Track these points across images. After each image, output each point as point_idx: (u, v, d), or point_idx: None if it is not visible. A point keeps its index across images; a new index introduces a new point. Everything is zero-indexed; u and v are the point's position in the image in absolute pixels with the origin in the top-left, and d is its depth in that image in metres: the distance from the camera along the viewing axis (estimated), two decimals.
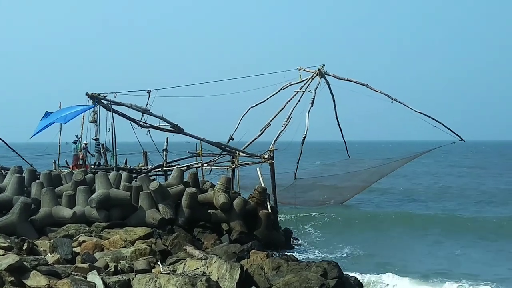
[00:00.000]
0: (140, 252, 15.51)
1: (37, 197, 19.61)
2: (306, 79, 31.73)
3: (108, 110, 24.82)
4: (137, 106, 24.29)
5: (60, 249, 15.38)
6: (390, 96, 31.38)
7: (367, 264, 20.39)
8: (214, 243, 18.59)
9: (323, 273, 14.10)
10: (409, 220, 31.30)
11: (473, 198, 41.91)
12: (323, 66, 31.88)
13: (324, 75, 31.63)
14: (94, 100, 24.89)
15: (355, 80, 31.47)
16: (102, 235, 17.64)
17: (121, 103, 24.63)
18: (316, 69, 31.81)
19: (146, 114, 24.40)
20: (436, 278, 18.36)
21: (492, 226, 29.02)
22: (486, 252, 23.46)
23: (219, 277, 12.96)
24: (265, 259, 15.26)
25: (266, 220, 21.12)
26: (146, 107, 24.45)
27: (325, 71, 31.73)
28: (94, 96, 24.78)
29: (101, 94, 24.89)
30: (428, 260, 21.80)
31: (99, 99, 24.88)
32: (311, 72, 31.83)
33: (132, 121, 24.75)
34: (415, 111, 31.33)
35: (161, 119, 24.34)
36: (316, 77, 31.66)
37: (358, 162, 39.16)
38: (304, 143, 31.29)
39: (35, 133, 26.07)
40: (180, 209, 19.96)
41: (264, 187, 22.69)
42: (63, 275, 12.98)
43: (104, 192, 19.34)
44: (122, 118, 25.22)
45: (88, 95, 24.84)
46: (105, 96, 24.86)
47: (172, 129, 24.70)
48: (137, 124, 24.68)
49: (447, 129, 31.51)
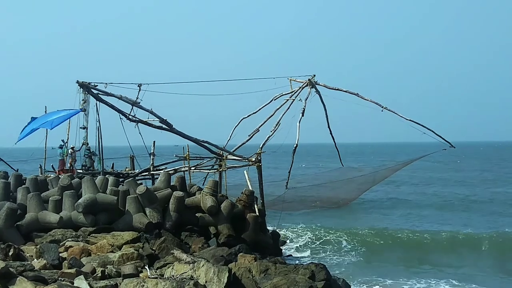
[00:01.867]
0: (128, 257, 15.45)
1: (23, 202, 19.47)
2: (297, 89, 32.31)
3: (98, 100, 24.47)
4: (127, 98, 24.03)
5: (46, 255, 15.28)
6: (380, 105, 31.96)
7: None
8: (202, 246, 18.57)
9: (311, 275, 14.16)
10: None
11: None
12: (313, 76, 32.66)
13: (315, 85, 32.28)
14: (84, 89, 24.47)
15: (346, 90, 32.10)
16: (89, 240, 17.56)
17: (111, 94, 24.25)
18: (307, 79, 32.39)
19: (135, 106, 24.08)
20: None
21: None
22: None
23: (207, 281, 12.94)
24: (253, 262, 15.28)
25: (253, 223, 21.14)
26: (136, 100, 24.19)
27: (316, 81, 32.44)
28: (85, 85, 24.36)
29: (91, 84, 24.57)
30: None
31: (89, 88, 24.50)
32: (302, 82, 32.39)
33: (120, 114, 24.38)
34: (405, 119, 31.88)
35: (150, 113, 24.14)
36: (306, 87, 32.25)
37: (352, 171, 39.27)
38: (295, 152, 31.78)
39: (20, 138, 25.90)
40: (168, 213, 19.92)
41: (251, 190, 22.73)
42: (49, 280, 12.89)
43: (91, 197, 19.25)
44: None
45: (78, 83, 24.36)
46: (96, 86, 24.55)
47: (161, 123, 24.45)
48: (125, 117, 24.34)
49: (437, 136, 32.19)
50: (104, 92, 24.33)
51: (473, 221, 32.89)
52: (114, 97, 24.17)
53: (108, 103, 24.37)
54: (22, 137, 25.88)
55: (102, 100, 24.29)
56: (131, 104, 24.02)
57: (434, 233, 28.36)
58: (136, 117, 24.29)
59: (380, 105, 31.84)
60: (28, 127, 25.93)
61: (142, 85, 24.05)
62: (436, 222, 32.72)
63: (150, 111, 24.05)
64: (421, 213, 36.29)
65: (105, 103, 24.32)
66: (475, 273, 21.37)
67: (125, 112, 24.27)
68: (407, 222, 32.99)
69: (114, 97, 24.17)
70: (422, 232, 28.58)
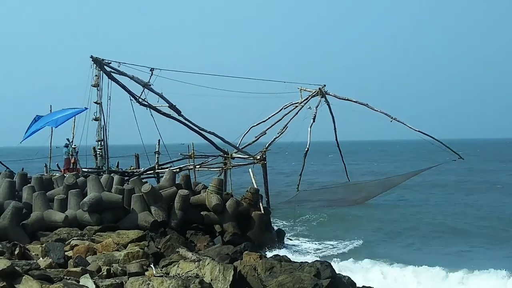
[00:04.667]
0: (133, 255, 15.44)
1: (29, 201, 19.50)
2: (307, 98, 33.18)
3: (109, 78, 24.39)
4: (139, 79, 23.95)
5: (52, 253, 15.29)
6: (390, 115, 33.02)
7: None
8: (207, 245, 18.55)
9: (316, 273, 14.09)
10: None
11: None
12: (324, 86, 33.27)
13: (325, 95, 32.84)
14: (97, 64, 24.41)
15: (355, 100, 33.07)
16: (94, 239, 17.57)
17: (123, 73, 24.18)
18: (317, 88, 33.11)
19: (146, 88, 23.99)
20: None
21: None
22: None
23: (212, 279, 12.92)
24: (258, 260, 15.25)
25: (259, 221, 21.11)
26: (148, 83, 24.08)
27: (326, 90, 33.05)
28: (98, 60, 24.33)
29: (105, 60, 24.49)
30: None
31: (103, 64, 24.44)
32: (311, 92, 33.23)
33: (131, 95, 24.28)
34: (414, 130, 33.02)
35: (160, 97, 24.09)
36: (317, 96, 33.07)
37: (359, 184, 39.22)
38: (306, 156, 32.72)
39: (25, 137, 25.97)
40: (173, 211, 19.92)
41: (256, 188, 22.70)
42: (55, 279, 12.89)
43: (96, 196, 19.26)
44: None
45: (92, 58, 24.34)
46: (109, 63, 24.50)
47: (170, 109, 24.34)
48: (135, 100, 24.26)
49: (446, 147, 33.39)
50: (117, 70, 24.26)
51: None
52: (127, 76, 24.12)
53: (120, 82, 24.28)
54: (27, 136, 25.96)
55: (114, 78, 24.23)
56: (143, 86, 23.98)
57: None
58: (146, 101, 24.21)
59: (389, 116, 32.91)
60: (33, 125, 25.99)
61: (154, 69, 24.03)
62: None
63: (160, 94, 24.04)
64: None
65: (117, 82, 24.28)
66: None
67: (136, 95, 24.18)
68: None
69: (127, 76, 24.12)
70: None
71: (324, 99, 33.04)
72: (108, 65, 24.28)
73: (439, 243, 24.31)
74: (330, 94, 33.17)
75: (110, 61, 24.30)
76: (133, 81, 24.23)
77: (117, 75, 24.32)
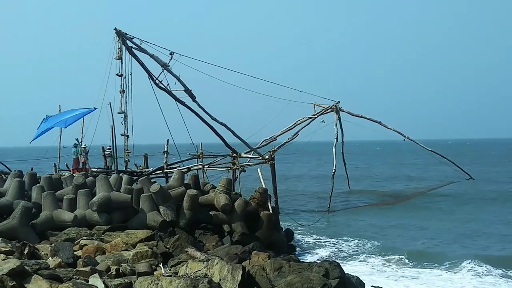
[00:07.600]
0: (142, 255, 15.48)
1: (38, 201, 19.59)
2: (320, 111, 34.01)
3: (130, 53, 24.36)
4: (159, 59, 23.91)
5: (61, 253, 15.34)
6: (403, 134, 34.26)
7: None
8: (216, 244, 18.55)
9: (325, 273, 14.05)
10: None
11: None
12: (338, 103, 33.96)
13: (339, 111, 33.40)
14: (120, 37, 24.32)
15: (369, 117, 33.89)
16: (103, 238, 17.62)
17: (144, 50, 24.11)
18: (332, 104, 33.94)
19: (165, 69, 23.91)
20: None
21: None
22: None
23: (221, 279, 12.91)
24: (267, 260, 15.22)
25: (267, 221, 21.08)
26: (167, 64, 24.02)
27: (340, 107, 33.55)
28: (121, 34, 24.26)
29: (128, 35, 24.44)
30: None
31: (125, 39, 24.37)
32: (324, 107, 34.01)
33: (148, 75, 24.21)
34: (427, 149, 34.64)
35: (177, 79, 24.03)
36: (331, 112, 33.93)
37: (386, 203, 39.51)
38: (334, 177, 33.84)
39: (35, 137, 26.12)
40: (181, 211, 19.93)
41: (265, 188, 22.70)
42: (64, 279, 12.94)
43: (105, 195, 19.31)
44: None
45: (116, 31, 24.24)
46: (132, 39, 24.49)
47: (185, 93, 24.22)
48: (152, 80, 24.20)
49: (458, 168, 35.31)
50: (138, 46, 24.24)
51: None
52: (147, 54, 24.09)
53: (139, 59, 24.21)
54: (37, 136, 26.11)
55: (134, 54, 24.20)
56: (162, 66, 23.93)
57: None
58: (162, 83, 24.18)
59: (402, 134, 34.10)
60: (42, 126, 26.12)
61: (174, 54, 24.00)
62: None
63: (178, 77, 23.97)
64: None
65: (136, 59, 24.22)
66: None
67: (153, 75, 24.14)
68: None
69: (147, 54, 24.09)
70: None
71: (337, 115, 33.91)
72: (130, 40, 24.29)
73: (451, 246, 24.18)
74: (344, 110, 34.08)
75: (133, 37, 24.30)
76: (151, 63, 24.29)
77: (138, 51, 24.33)
